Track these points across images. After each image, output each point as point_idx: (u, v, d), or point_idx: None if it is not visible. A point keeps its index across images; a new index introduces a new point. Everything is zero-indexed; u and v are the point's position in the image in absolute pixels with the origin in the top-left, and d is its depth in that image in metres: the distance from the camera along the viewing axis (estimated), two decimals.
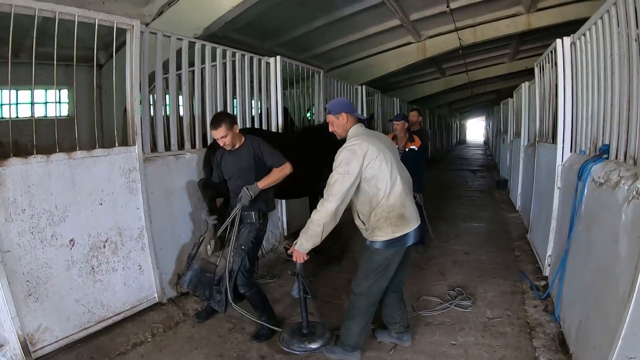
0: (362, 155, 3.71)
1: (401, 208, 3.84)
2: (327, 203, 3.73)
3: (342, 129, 4.07)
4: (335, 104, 4.10)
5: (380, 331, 4.63)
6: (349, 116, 4.02)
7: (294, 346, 4.29)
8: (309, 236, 3.85)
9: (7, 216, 3.79)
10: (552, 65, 6.10)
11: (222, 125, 4.42)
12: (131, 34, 4.84)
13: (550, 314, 4.83)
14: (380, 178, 3.76)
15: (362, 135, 3.91)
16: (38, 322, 4.00)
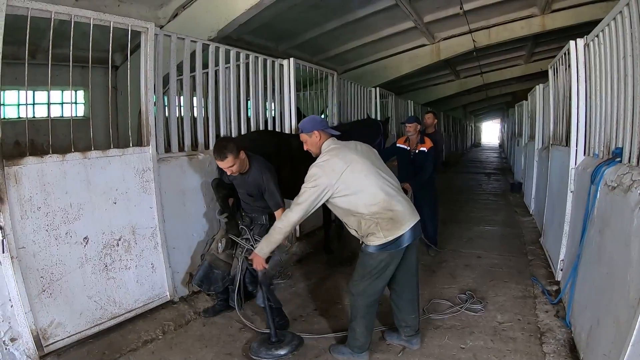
0: (330, 170, 3.81)
1: (388, 212, 3.84)
2: (291, 213, 3.90)
3: (315, 147, 4.15)
4: (307, 123, 4.18)
5: (389, 333, 4.63)
6: (322, 133, 4.10)
7: (261, 354, 4.35)
8: (270, 242, 4.07)
9: (23, 213, 3.86)
10: (566, 67, 6.04)
11: (229, 156, 4.37)
12: (146, 36, 4.89)
13: (561, 319, 4.76)
14: (354, 189, 3.83)
15: (332, 150, 4.00)
16: (51, 317, 4.06)
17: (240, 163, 4.49)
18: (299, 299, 5.74)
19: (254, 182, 4.63)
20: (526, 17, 11.83)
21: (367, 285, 3.98)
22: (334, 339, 4.68)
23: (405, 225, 3.88)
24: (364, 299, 4.04)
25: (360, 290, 4.03)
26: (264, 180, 4.62)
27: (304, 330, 4.84)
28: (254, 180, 4.62)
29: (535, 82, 12.70)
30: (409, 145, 7.26)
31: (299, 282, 6.36)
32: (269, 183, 4.62)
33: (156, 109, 5.12)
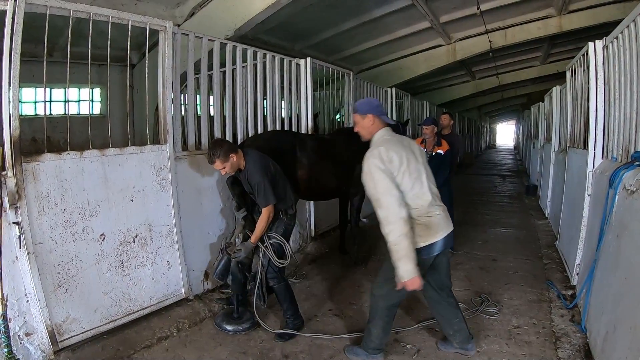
0: (388, 161, 3.59)
1: (424, 218, 3.71)
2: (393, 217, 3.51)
3: (366, 131, 3.94)
4: (364, 104, 3.95)
5: (443, 343, 4.50)
6: (376, 119, 3.87)
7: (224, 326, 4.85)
8: (403, 257, 3.52)
9: (40, 210, 3.89)
10: (584, 69, 5.96)
11: (217, 161, 4.44)
12: (164, 35, 4.92)
13: (576, 324, 4.73)
14: (403, 189, 3.62)
15: (389, 142, 3.75)
16: (66, 313, 4.10)
17: (231, 165, 4.51)
18: (314, 299, 5.75)
19: (248, 179, 4.62)
20: (543, 17, 11.71)
21: (390, 288, 3.82)
22: (348, 339, 4.68)
23: (439, 234, 3.75)
24: (385, 302, 3.97)
25: (382, 293, 3.95)
26: (249, 175, 4.58)
27: (318, 331, 4.86)
28: (248, 177, 4.61)
29: (550, 83, 12.60)
30: (425, 147, 7.24)
31: (315, 282, 6.37)
32: (254, 177, 4.53)
33: (173, 107, 5.14)
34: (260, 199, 4.53)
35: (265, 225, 4.60)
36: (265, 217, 4.56)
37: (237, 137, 6.22)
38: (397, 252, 3.52)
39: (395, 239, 3.49)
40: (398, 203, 3.50)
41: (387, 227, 3.50)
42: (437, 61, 13.93)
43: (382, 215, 3.53)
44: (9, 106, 3.62)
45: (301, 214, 7.39)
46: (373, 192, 3.58)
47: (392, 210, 3.49)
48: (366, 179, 3.63)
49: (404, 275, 3.52)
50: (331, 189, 6.55)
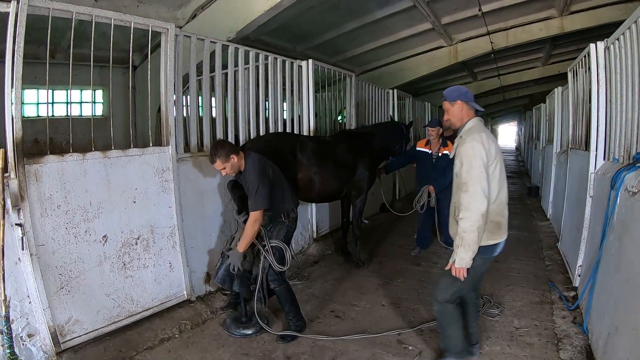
0: (485, 153, 3.55)
1: (500, 216, 3.74)
2: (474, 205, 3.52)
3: (457, 118, 3.86)
4: (452, 91, 3.89)
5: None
6: (465, 105, 3.82)
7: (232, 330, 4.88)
8: (467, 246, 3.57)
9: (43, 211, 3.90)
10: (586, 70, 5.97)
11: (217, 160, 4.47)
12: (166, 37, 4.93)
13: (578, 325, 4.74)
14: (491, 181, 3.60)
15: (486, 132, 3.71)
16: (69, 314, 4.11)
17: (232, 166, 4.52)
18: (315, 300, 5.76)
19: (245, 180, 4.61)
20: (544, 18, 11.63)
21: (456, 290, 3.84)
22: (350, 341, 4.68)
23: (504, 235, 3.81)
24: (452, 303, 3.91)
25: (448, 297, 3.87)
26: (246, 176, 4.58)
27: (320, 332, 4.87)
28: (246, 178, 4.60)
29: (552, 84, 12.54)
30: (431, 149, 7.28)
31: (316, 283, 6.38)
32: (250, 178, 4.52)
33: (175, 109, 5.15)
34: (251, 202, 4.49)
35: (252, 231, 4.51)
36: (252, 222, 4.47)
37: (239, 138, 6.22)
38: (463, 240, 3.55)
39: (468, 227, 3.52)
40: (483, 194, 3.50)
41: (464, 213, 3.53)
42: (438, 62, 13.84)
43: (464, 201, 3.54)
44: (12, 108, 3.64)
45: (303, 216, 7.39)
46: (464, 175, 3.56)
47: (476, 199, 3.50)
48: (463, 160, 3.59)
49: (461, 262, 3.59)
50: (333, 191, 6.54)
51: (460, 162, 3.61)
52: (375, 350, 4.52)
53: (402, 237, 8.92)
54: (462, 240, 3.55)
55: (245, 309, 4.99)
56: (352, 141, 6.93)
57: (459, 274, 3.65)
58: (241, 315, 5.02)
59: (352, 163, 6.66)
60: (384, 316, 5.31)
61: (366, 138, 7.25)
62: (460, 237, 3.57)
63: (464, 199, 3.54)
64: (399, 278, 6.57)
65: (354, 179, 6.73)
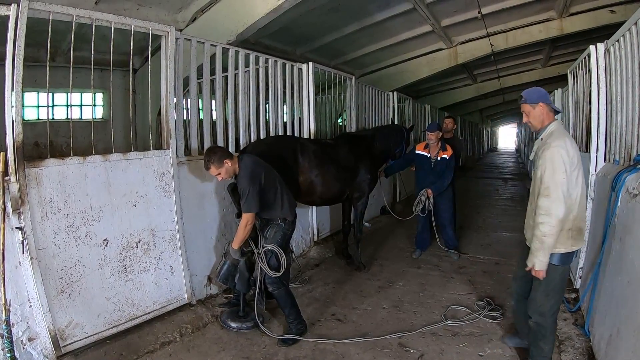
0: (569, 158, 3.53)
1: (582, 222, 3.74)
2: (555, 210, 3.52)
3: (538, 121, 3.84)
4: (532, 93, 3.86)
5: (509, 337, 4.67)
6: (546, 107, 3.79)
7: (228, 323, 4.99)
8: (547, 249, 3.60)
9: (43, 215, 3.89)
10: (586, 72, 5.95)
11: (211, 167, 4.53)
12: (166, 40, 4.93)
13: (580, 327, 4.69)
14: (574, 185, 3.59)
15: (568, 137, 3.70)
16: (69, 318, 4.09)
17: (226, 170, 4.55)
18: (316, 304, 5.74)
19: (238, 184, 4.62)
20: (544, 20, 11.68)
21: (553, 302, 3.82)
22: (352, 344, 4.67)
23: (583, 241, 3.85)
24: (553, 316, 3.88)
25: (547, 309, 3.82)
26: (238, 180, 4.60)
27: (321, 335, 4.86)
28: (238, 181, 4.61)
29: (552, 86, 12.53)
30: (430, 152, 7.29)
31: (317, 286, 6.36)
32: (242, 182, 4.54)
33: (176, 112, 5.14)
34: (243, 205, 4.52)
35: (243, 232, 4.60)
36: (244, 224, 4.55)
37: (240, 141, 6.22)
38: (542, 243, 3.56)
39: (546, 231, 3.53)
40: (564, 201, 3.51)
41: (544, 218, 3.54)
42: (439, 64, 13.90)
43: (545, 205, 3.55)
44: (12, 111, 3.62)
45: (303, 219, 7.38)
46: (547, 180, 3.55)
47: (556, 205, 3.51)
48: (547, 165, 3.56)
49: (539, 265, 3.61)
50: (335, 194, 6.52)
51: (544, 167, 3.59)
52: (376, 353, 4.51)
53: (402, 240, 8.91)
54: (542, 243, 3.57)
55: (243, 305, 5.03)
56: (353, 144, 6.93)
57: (539, 276, 3.67)
58: (238, 311, 5.07)
59: (353, 166, 6.66)
60: (385, 319, 5.29)
61: (367, 141, 7.25)
62: (540, 241, 3.58)
63: (544, 203, 3.56)
64: (400, 281, 6.55)
65: (355, 181, 6.73)
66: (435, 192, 7.22)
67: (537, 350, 3.94)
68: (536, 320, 3.85)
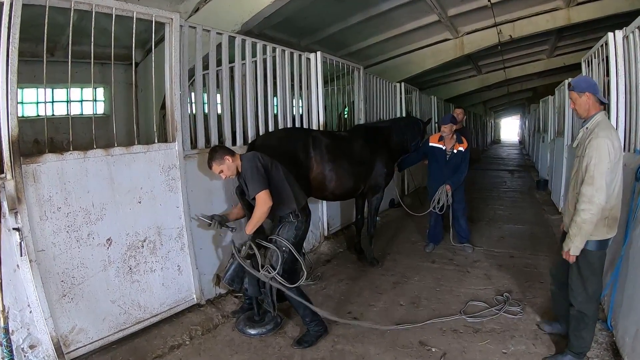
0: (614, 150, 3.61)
1: (617, 211, 3.80)
2: (597, 199, 3.62)
3: (583, 109, 3.92)
4: (580, 82, 3.95)
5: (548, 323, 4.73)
6: (592, 97, 3.86)
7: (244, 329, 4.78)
8: (584, 234, 3.72)
9: (42, 214, 3.72)
10: (601, 60, 5.94)
11: (213, 164, 4.39)
12: (170, 27, 4.73)
13: (601, 321, 4.57)
14: (614, 177, 3.68)
15: (614, 129, 3.88)
16: (72, 323, 3.94)
17: (228, 167, 4.37)
18: (331, 302, 5.59)
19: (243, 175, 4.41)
20: (551, 10, 11.64)
21: (596, 286, 3.91)
22: (371, 344, 4.53)
23: (616, 230, 3.86)
24: (595, 302, 3.95)
25: (589, 296, 3.90)
26: (242, 171, 4.40)
27: (339, 335, 4.73)
28: (243, 173, 4.40)
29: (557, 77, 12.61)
30: (444, 145, 7.15)
31: (331, 283, 6.21)
32: (244, 168, 4.35)
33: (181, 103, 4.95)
34: (250, 188, 4.28)
35: (260, 214, 4.30)
36: (260, 206, 4.26)
37: (248, 134, 6.06)
38: (580, 229, 3.69)
39: (587, 218, 3.65)
40: (606, 190, 3.61)
41: (586, 205, 3.65)
42: (444, 55, 13.85)
43: (588, 192, 3.65)
44: (7, 104, 3.42)
45: (314, 213, 7.19)
46: (592, 168, 3.64)
47: (599, 194, 3.60)
48: (593, 154, 3.64)
49: (574, 249, 3.77)
50: (349, 189, 6.33)
51: (590, 155, 3.67)
52: (397, 353, 4.37)
53: (414, 234, 8.80)
54: (580, 230, 3.70)
55: (258, 308, 4.82)
56: (369, 136, 6.75)
57: (571, 260, 3.85)
58: (254, 315, 4.86)
59: (369, 159, 6.48)
60: (404, 316, 5.14)
61: (384, 133, 7.08)
62: (578, 227, 3.70)
63: (588, 191, 3.65)
64: (415, 276, 6.41)
65: (371, 176, 6.56)
66: (454, 188, 7.09)
67: (578, 340, 4.01)
68: (579, 309, 3.93)
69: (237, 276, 4.74)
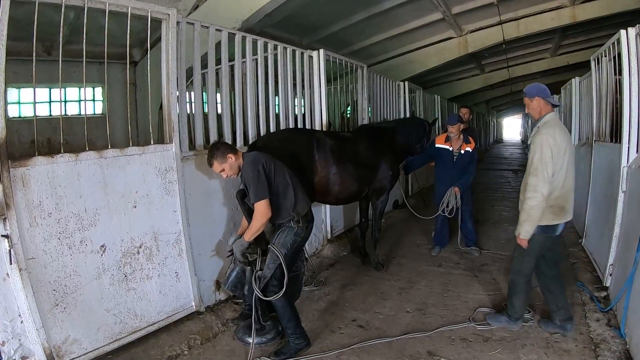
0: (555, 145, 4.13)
1: (564, 201, 4.34)
2: (540, 188, 4.17)
3: (535, 112, 4.46)
4: (531, 89, 4.48)
5: (543, 322, 4.89)
6: (542, 101, 4.39)
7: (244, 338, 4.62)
8: (533, 220, 4.27)
9: (32, 220, 3.57)
10: (611, 58, 5.84)
11: (214, 163, 4.22)
12: (167, 23, 4.56)
13: (614, 329, 4.53)
14: (558, 169, 4.19)
15: (560, 127, 4.33)
16: (65, 333, 3.80)
17: (230, 166, 4.20)
18: (335, 308, 5.46)
19: (244, 176, 4.24)
20: (556, 8, 11.59)
21: (526, 264, 4.57)
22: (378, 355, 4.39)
23: (567, 217, 4.43)
24: (523, 277, 4.66)
25: (520, 269, 4.64)
26: (243, 173, 4.22)
27: (344, 345, 4.57)
28: (244, 175, 4.23)
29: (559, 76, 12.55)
30: (451, 145, 7.03)
31: (334, 289, 6.08)
32: (245, 172, 4.17)
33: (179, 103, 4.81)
34: (251, 194, 4.11)
35: (259, 225, 4.13)
36: (259, 216, 4.09)
37: (248, 134, 5.90)
38: (528, 215, 4.28)
39: (532, 205, 4.22)
40: (548, 180, 4.17)
41: (531, 193, 4.22)
42: (448, 54, 13.82)
43: (532, 182, 4.21)
44: None
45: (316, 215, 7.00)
46: (535, 162, 4.19)
47: (541, 183, 4.17)
48: (536, 148, 4.21)
49: (524, 234, 4.35)
50: (352, 193, 6.17)
51: (533, 150, 4.24)
52: None
53: (418, 236, 8.68)
54: (528, 216, 4.27)
55: (258, 315, 4.61)
56: (373, 137, 6.58)
57: (523, 244, 4.41)
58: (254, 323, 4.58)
59: (374, 161, 6.32)
60: (411, 324, 5.00)
61: (389, 133, 6.92)
62: (527, 213, 4.28)
63: (532, 181, 4.22)
64: (421, 281, 6.28)
65: (376, 178, 6.39)
66: (462, 190, 6.97)
67: (510, 305, 4.80)
68: (512, 278, 4.78)
69: (239, 282, 4.66)
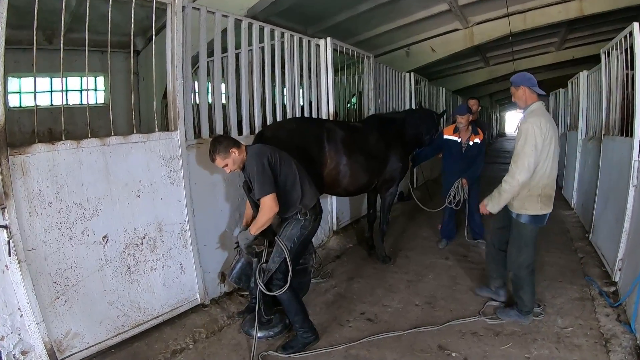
0: (541, 134, 4.23)
1: (551, 190, 4.46)
2: (518, 175, 4.33)
3: (521, 100, 4.54)
4: (517, 78, 4.55)
5: (478, 288, 5.48)
6: (528, 90, 4.46)
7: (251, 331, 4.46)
8: (502, 201, 4.57)
9: (32, 210, 3.46)
10: (621, 51, 5.79)
11: (217, 158, 4.06)
12: (172, 8, 4.43)
13: (624, 324, 4.47)
14: (544, 158, 4.30)
15: (546, 117, 4.41)
16: (67, 327, 3.72)
17: (234, 161, 4.06)
18: (343, 301, 5.40)
19: (248, 172, 4.13)
20: (563, 1, 11.46)
21: (526, 254, 4.60)
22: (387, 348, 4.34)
23: (551, 208, 4.53)
24: (525, 269, 4.63)
25: (521, 261, 4.63)
26: (247, 167, 4.11)
27: (353, 339, 4.50)
28: (248, 170, 4.12)
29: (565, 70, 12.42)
30: (460, 137, 6.96)
31: (341, 281, 6.02)
32: (250, 166, 4.06)
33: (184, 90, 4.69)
34: (255, 188, 3.99)
35: (265, 220, 4.03)
36: (265, 211, 3.98)
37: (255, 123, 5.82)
38: (500, 196, 4.55)
39: (507, 188, 4.44)
40: (529, 169, 4.29)
41: (509, 178, 4.41)
42: (454, 46, 13.68)
43: (513, 168, 4.37)
44: None
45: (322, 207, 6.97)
46: (519, 149, 4.32)
47: (521, 170, 4.31)
48: (521, 136, 4.33)
49: (493, 209, 4.70)
50: (362, 185, 6.07)
51: (518, 138, 4.36)
52: (415, 358, 4.19)
53: (425, 228, 8.65)
54: (500, 196, 4.55)
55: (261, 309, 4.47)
56: (383, 128, 6.47)
57: (484, 212, 4.83)
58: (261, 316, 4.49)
59: (384, 153, 6.22)
60: (420, 318, 4.94)
61: (399, 124, 6.83)
62: (499, 193, 4.55)
63: (513, 167, 4.38)
64: (429, 274, 6.22)
65: (385, 170, 6.30)
66: (470, 182, 6.91)
67: (519, 300, 4.76)
68: (514, 273, 4.77)
69: (244, 274, 4.56)
